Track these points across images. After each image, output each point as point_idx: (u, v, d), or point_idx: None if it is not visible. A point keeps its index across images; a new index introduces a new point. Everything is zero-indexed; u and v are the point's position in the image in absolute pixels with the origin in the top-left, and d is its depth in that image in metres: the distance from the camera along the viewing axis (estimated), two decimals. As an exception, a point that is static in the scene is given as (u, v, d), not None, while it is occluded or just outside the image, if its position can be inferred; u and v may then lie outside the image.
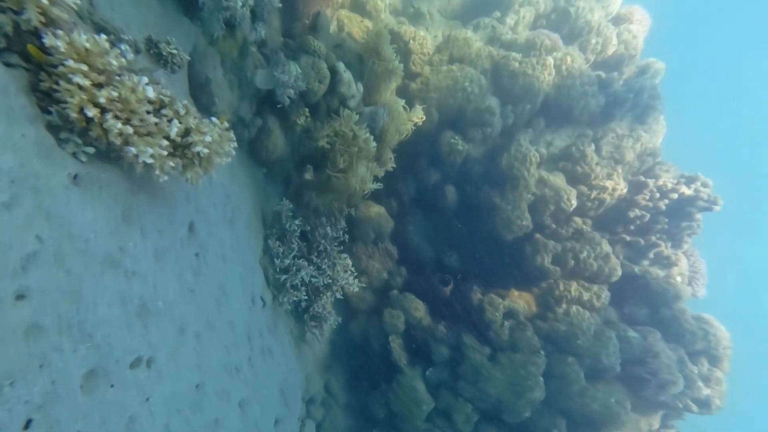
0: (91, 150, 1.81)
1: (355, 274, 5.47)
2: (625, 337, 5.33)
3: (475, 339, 5.91)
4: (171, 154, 1.92)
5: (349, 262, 5.37)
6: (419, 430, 5.73)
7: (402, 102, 4.74)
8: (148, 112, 1.99)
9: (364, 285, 6.57)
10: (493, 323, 5.77)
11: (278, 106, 3.47)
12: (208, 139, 1.94)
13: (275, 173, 4.24)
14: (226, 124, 2.11)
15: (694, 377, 5.27)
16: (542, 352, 5.47)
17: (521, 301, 5.94)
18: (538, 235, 6.02)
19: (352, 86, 4.23)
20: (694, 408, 5.39)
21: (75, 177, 1.72)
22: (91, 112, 1.67)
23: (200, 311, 2.59)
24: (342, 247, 5.75)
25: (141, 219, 2.04)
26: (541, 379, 5.34)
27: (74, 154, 1.72)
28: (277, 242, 4.17)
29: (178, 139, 1.94)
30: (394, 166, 5.43)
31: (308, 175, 4.28)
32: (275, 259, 4.10)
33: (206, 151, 1.93)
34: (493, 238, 6.40)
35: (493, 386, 5.42)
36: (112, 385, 1.81)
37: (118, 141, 1.84)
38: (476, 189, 6.46)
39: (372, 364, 6.34)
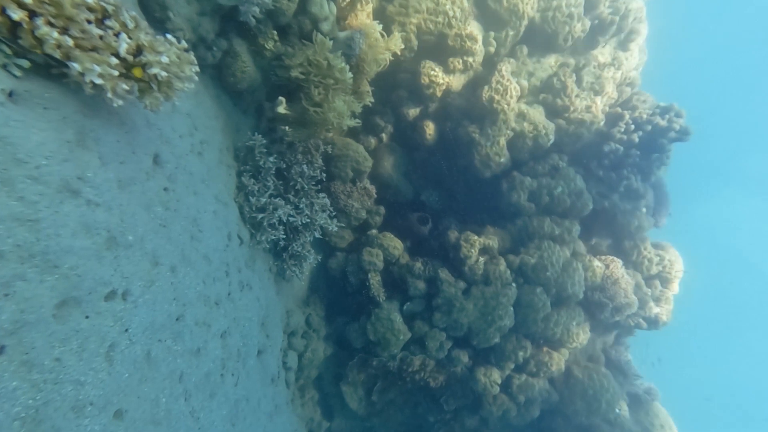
0: (25, 63, 1.61)
1: (333, 213, 5.49)
2: (590, 266, 5.73)
3: (451, 274, 6.21)
4: (124, 76, 1.73)
5: (327, 201, 5.36)
6: (395, 356, 6.20)
7: (379, 27, 4.41)
8: (89, 22, 1.76)
9: (343, 225, 6.65)
10: (468, 259, 6.04)
11: (244, 26, 3.15)
12: (164, 59, 1.75)
13: (246, 103, 3.98)
14: (185, 44, 1.90)
15: (647, 299, 5.84)
16: (513, 285, 5.84)
17: (496, 237, 6.19)
18: (515, 173, 6.12)
19: (324, 6, 3.87)
20: (644, 325, 6.05)
21: (10, 94, 1.54)
22: (16, 13, 1.45)
23: (174, 246, 2.55)
24: (319, 186, 5.68)
25: (98, 146, 1.89)
26: (511, 309, 5.77)
27: (4, 67, 1.52)
28: (252, 179, 4.05)
29: (130, 58, 1.74)
30: (372, 100, 5.22)
31: (282, 108, 4.05)
32: (250, 197, 4.02)
33: (164, 74, 1.76)
34: (471, 175, 6.46)
35: (466, 317, 5.82)
36: (87, 316, 1.80)
37: (56, 54, 1.63)
38: (456, 124, 6.36)
39: (351, 299, 6.62)
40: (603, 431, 5.86)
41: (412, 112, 6.53)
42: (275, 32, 3.30)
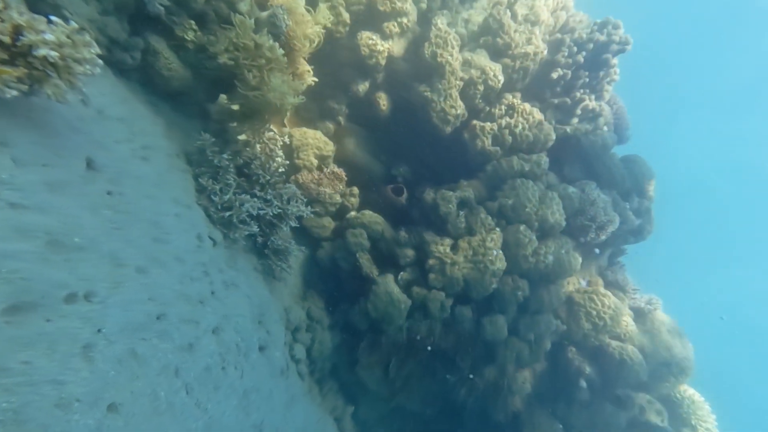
0: None
1: (305, 200, 5.47)
2: (566, 194, 5.84)
3: (436, 235, 6.26)
4: (8, 63, 1.68)
5: (296, 190, 5.34)
6: (402, 328, 6.24)
7: (302, 1, 4.37)
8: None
9: (321, 213, 6.64)
10: (448, 215, 6.09)
11: (157, 20, 3.07)
12: (49, 37, 1.70)
13: (186, 106, 3.92)
14: (75, 24, 1.85)
15: (627, 212, 5.98)
16: (497, 229, 5.92)
17: (471, 188, 6.24)
18: (474, 121, 6.17)
19: (239, -11, 3.81)
20: (631, 239, 6.20)
21: None
22: None
23: (136, 248, 2.52)
24: (285, 178, 5.66)
25: (8, 148, 1.84)
26: (500, 252, 5.85)
27: None
28: (211, 180, 4.01)
29: (7, 39, 1.66)
30: (316, 79, 5.19)
31: (223, 103, 4.00)
32: (213, 197, 3.98)
33: (55, 54, 1.71)
34: (434, 136, 6.48)
35: (459, 270, 5.89)
36: (48, 320, 1.78)
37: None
38: (407, 89, 6.37)
39: (346, 284, 6.63)
40: (613, 348, 6.03)
41: (362, 87, 6.50)
42: (192, 22, 3.25)
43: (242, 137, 4.97)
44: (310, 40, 4.39)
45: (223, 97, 4.16)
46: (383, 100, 6.56)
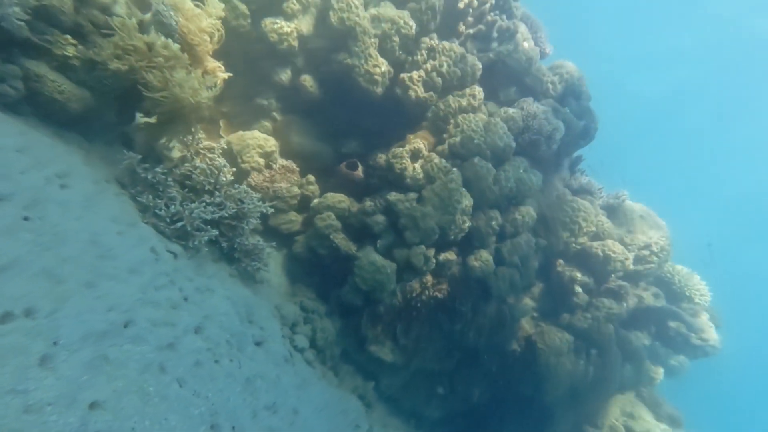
0: None
1: (258, 196, 5.44)
2: (508, 116, 5.98)
3: (400, 193, 6.32)
4: None
5: (247, 189, 5.30)
6: (395, 291, 6.32)
7: (187, -5, 4.28)
8: None
9: (282, 207, 6.61)
10: (405, 171, 6.15)
11: (27, 42, 2.93)
12: None
13: (98, 132, 3.82)
14: None
15: (569, 116, 6.18)
16: (454, 169, 6.02)
17: (419, 139, 6.31)
18: (401, 75, 6.21)
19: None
20: (582, 143, 6.41)
21: None
22: None
23: (75, 264, 2.47)
24: (233, 182, 5.59)
25: None
26: (464, 189, 5.97)
27: None
28: (150, 196, 3.93)
29: None
30: (229, 74, 5.12)
31: (140, 120, 3.92)
32: (159, 212, 3.91)
33: None
34: (369, 101, 6.51)
35: (431, 218, 5.98)
36: (-12, 338, 1.74)
37: None
38: (328, 63, 6.35)
39: (330, 269, 6.64)
40: (594, 247, 6.26)
41: (285, 75, 6.46)
42: (68, 37, 3.14)
43: (176, 153, 4.90)
44: (209, 34, 4.31)
45: (139, 116, 4.08)
46: (309, 83, 6.53)
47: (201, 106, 3.88)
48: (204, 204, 4.32)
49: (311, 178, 6.89)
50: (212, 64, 4.59)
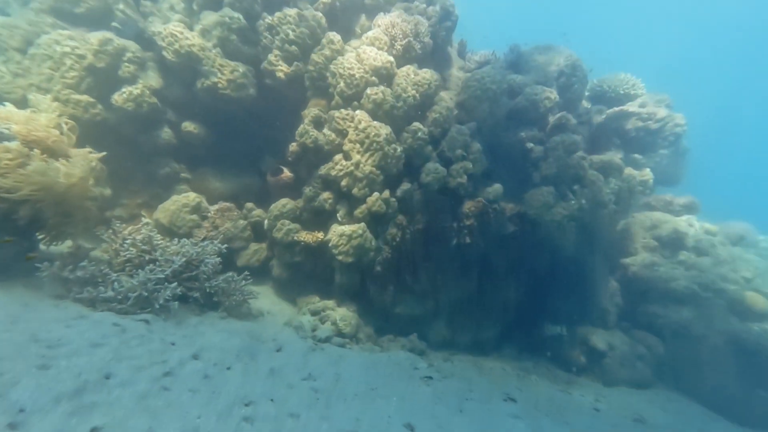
0: None
1: (201, 238, 5.44)
2: (372, 39, 6.12)
3: (325, 163, 6.38)
4: None
5: (187, 240, 5.29)
6: (379, 248, 6.36)
7: (11, 106, 4.29)
8: None
9: (244, 246, 6.63)
10: (317, 141, 6.24)
11: None
12: None
13: (8, 266, 3.79)
14: None
15: (422, 9, 6.38)
16: (356, 111, 6.13)
17: (312, 109, 6.41)
18: (261, 66, 6.30)
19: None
20: (449, 24, 6.60)
21: None
22: None
23: (14, 360, 2.47)
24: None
25: None
26: (375, 122, 6.08)
27: None
28: (88, 292, 3.90)
29: None
30: (103, 153, 5.07)
31: (39, 236, 3.89)
32: (104, 293, 3.88)
33: None
34: (252, 109, 6.60)
35: (365, 165, 6.06)
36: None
37: None
38: (193, 96, 6.41)
39: (317, 269, 6.64)
40: (519, 101, 6.43)
41: (166, 135, 6.50)
42: None
43: (101, 252, 4.86)
44: (57, 126, 4.32)
45: (38, 235, 4.06)
46: (191, 127, 6.60)
47: (84, 185, 3.88)
48: (149, 268, 4.30)
49: (250, 205, 6.92)
50: (77, 150, 4.58)
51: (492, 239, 6.90)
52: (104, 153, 4.89)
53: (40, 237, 3.92)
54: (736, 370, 7.33)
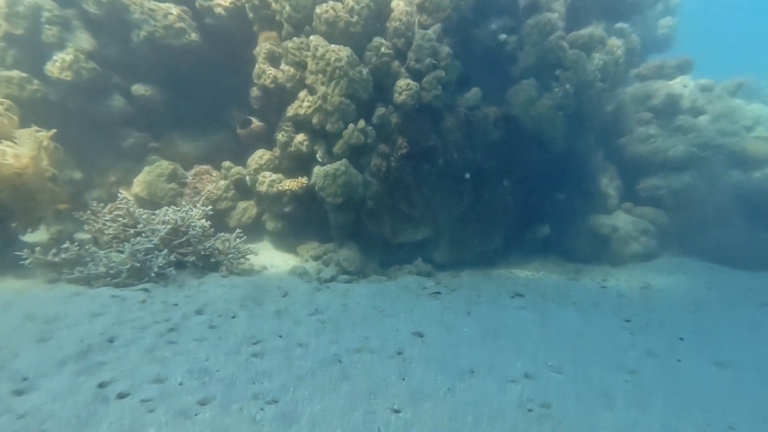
0: None
1: (186, 208, 5.34)
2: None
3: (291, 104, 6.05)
4: None
5: (170, 208, 5.20)
6: (367, 182, 6.22)
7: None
8: None
9: (228, 206, 6.54)
10: (276, 79, 5.86)
11: None
12: None
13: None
14: None
15: None
16: (309, 38, 5.67)
17: (263, 44, 5.94)
18: (197, 3, 5.73)
19: None
20: None
21: None
22: None
23: (9, 338, 2.47)
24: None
25: None
26: (331, 46, 5.63)
27: None
28: (81, 268, 3.89)
29: None
30: (54, 130, 4.79)
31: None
32: (96, 270, 3.88)
33: None
34: (205, 62, 6.13)
35: (333, 96, 5.71)
36: None
37: None
38: (137, 60, 5.94)
39: (310, 215, 6.58)
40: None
41: (119, 103, 6.14)
42: None
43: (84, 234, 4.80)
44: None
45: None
46: (143, 90, 6.19)
47: (33, 167, 3.69)
48: (134, 240, 4.25)
49: (227, 163, 6.72)
50: (22, 131, 4.32)
51: (480, 148, 6.71)
52: (54, 130, 4.61)
53: (13, 226, 3.82)
54: (740, 221, 7.35)
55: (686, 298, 4.82)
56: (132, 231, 4.64)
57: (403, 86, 5.94)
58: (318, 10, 5.50)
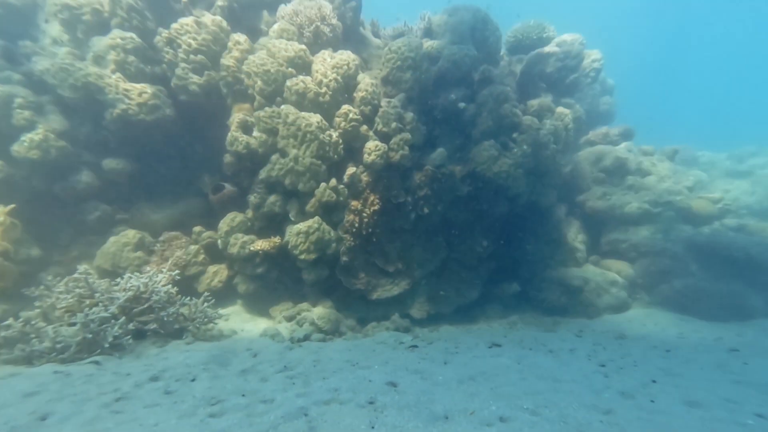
0: None
1: (151, 272, 5.20)
2: (279, 30, 6.07)
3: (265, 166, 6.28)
4: None
5: (129, 275, 5.04)
6: (340, 238, 6.31)
7: None
8: None
9: (199, 270, 6.39)
10: (249, 146, 6.13)
11: None
12: None
13: None
14: None
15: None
16: (281, 107, 6.07)
17: (237, 114, 6.29)
18: (172, 83, 6.11)
19: None
20: None
21: None
22: None
23: None
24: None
25: None
26: (302, 114, 6.03)
27: None
28: (22, 346, 3.62)
29: None
30: (12, 205, 4.75)
31: None
32: (40, 346, 3.61)
33: None
34: (176, 132, 6.38)
35: (304, 158, 6.00)
36: None
37: None
38: (106, 140, 6.14)
39: (284, 274, 6.51)
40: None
41: (87, 178, 6.16)
42: None
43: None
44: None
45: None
46: (113, 164, 6.26)
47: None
48: (89, 310, 4.05)
49: (198, 228, 6.69)
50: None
51: (449, 203, 7.02)
52: (12, 206, 4.57)
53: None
54: (699, 272, 7.81)
55: (659, 346, 4.92)
56: (88, 302, 4.43)
57: (372, 147, 6.32)
58: (289, 83, 5.99)
